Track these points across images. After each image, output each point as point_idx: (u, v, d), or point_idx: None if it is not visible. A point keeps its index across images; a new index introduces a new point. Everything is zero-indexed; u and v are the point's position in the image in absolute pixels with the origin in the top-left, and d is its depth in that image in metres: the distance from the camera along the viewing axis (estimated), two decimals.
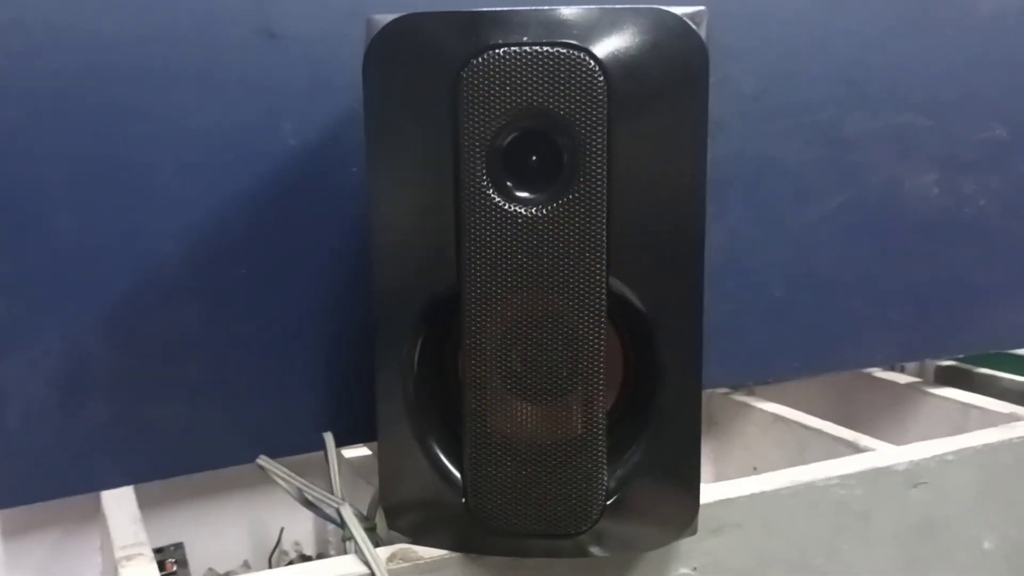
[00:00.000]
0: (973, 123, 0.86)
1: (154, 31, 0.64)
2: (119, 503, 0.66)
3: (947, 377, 1.02)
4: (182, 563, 0.75)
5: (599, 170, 0.52)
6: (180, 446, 0.69)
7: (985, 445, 0.76)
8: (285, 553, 0.80)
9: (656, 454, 0.57)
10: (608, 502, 0.56)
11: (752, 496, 0.67)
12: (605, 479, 0.56)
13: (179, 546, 0.76)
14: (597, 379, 0.54)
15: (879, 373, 1.01)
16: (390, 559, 0.58)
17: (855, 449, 0.80)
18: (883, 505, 0.72)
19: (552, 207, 0.52)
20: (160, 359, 0.68)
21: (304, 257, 0.70)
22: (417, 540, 0.60)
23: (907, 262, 0.86)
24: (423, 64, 0.53)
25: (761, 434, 0.93)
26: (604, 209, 0.52)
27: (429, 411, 0.58)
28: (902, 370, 1.01)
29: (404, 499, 0.60)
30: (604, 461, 0.55)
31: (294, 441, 0.71)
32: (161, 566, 0.73)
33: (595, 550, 0.58)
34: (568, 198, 0.52)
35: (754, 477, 0.69)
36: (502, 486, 0.56)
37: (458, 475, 0.57)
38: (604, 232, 0.52)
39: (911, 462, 0.73)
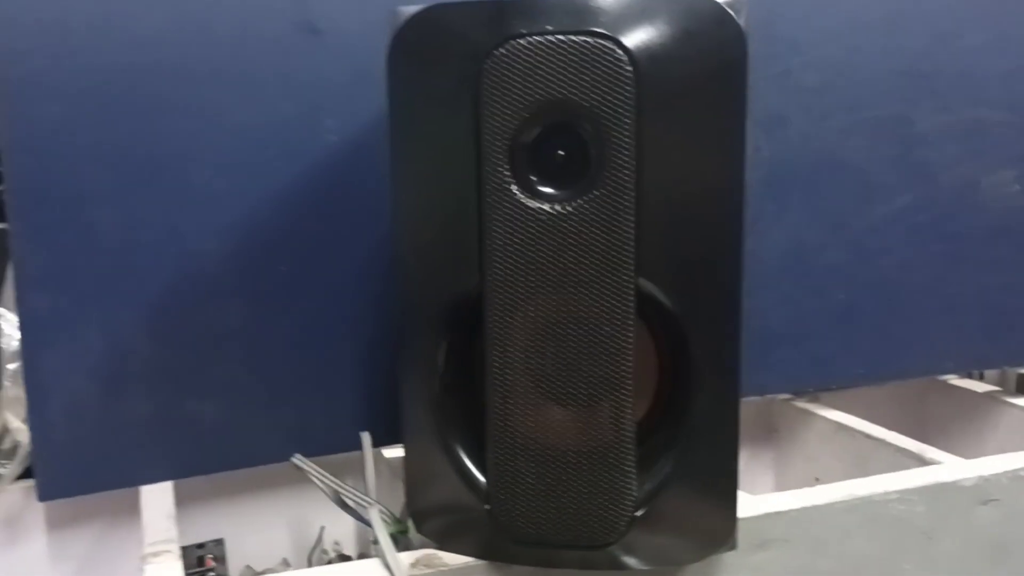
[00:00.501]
0: None
1: (195, 28, 0.64)
2: (156, 498, 0.67)
3: None
4: (220, 559, 0.75)
5: (627, 165, 0.49)
6: (219, 443, 0.69)
7: None
8: (325, 552, 0.80)
9: (690, 465, 0.54)
10: (638, 513, 0.54)
11: (802, 510, 0.64)
12: (633, 489, 0.53)
13: (219, 542, 0.76)
14: (625, 384, 0.51)
15: (955, 381, 0.95)
16: (413, 564, 0.57)
17: (921, 461, 0.75)
18: (948, 523, 0.67)
19: (577, 203, 0.50)
20: (201, 356, 0.68)
21: (346, 254, 0.69)
22: (443, 546, 0.58)
23: (982, 264, 0.82)
24: (446, 56, 0.52)
25: (823, 443, 0.89)
26: (632, 206, 0.50)
27: (455, 414, 0.57)
28: (980, 378, 0.96)
29: (430, 503, 0.58)
30: (633, 470, 0.53)
31: (333, 440, 0.70)
32: (200, 561, 0.74)
33: (630, 562, 0.56)
34: (594, 194, 0.50)
35: (805, 489, 0.66)
36: (524, 492, 0.53)
37: (483, 480, 0.56)
38: (632, 230, 0.50)
39: (980, 477, 0.68)
